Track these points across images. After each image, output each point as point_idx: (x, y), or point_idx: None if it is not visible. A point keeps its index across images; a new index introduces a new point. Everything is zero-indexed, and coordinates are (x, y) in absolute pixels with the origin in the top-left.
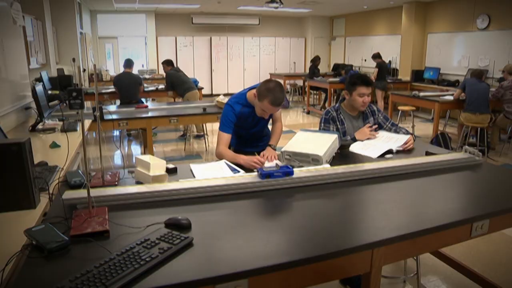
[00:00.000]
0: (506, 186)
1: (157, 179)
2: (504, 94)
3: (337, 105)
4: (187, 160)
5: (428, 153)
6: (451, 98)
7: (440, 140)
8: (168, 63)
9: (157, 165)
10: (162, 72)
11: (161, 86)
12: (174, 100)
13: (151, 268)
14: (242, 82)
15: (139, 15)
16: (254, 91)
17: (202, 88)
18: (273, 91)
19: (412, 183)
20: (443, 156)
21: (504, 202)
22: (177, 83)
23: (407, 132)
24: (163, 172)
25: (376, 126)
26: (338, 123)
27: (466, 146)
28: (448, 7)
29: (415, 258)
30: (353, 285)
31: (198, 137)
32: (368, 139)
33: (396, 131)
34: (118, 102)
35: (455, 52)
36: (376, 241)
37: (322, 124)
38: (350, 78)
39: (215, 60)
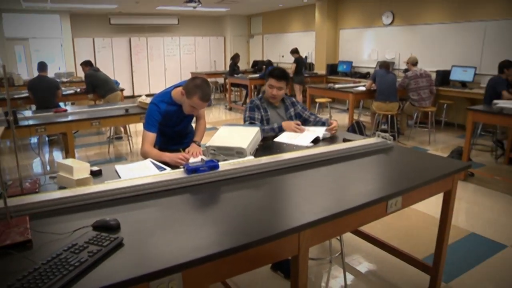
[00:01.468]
0: (414, 165)
1: (81, 182)
2: (409, 84)
3: (260, 95)
4: (112, 163)
5: (345, 140)
6: (363, 89)
7: (356, 128)
8: (86, 64)
9: (80, 168)
10: (80, 74)
11: (80, 89)
12: (95, 103)
13: (82, 273)
14: (163, 82)
15: (53, 16)
16: (180, 89)
17: (124, 89)
18: (201, 87)
19: (332, 168)
20: (359, 142)
21: (413, 180)
22: (97, 83)
23: (322, 124)
24: (87, 175)
25: (303, 129)
26: (262, 111)
27: (378, 132)
28: (357, 4)
29: (338, 238)
30: (284, 270)
31: (117, 139)
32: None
33: (316, 120)
34: (33, 107)
35: (365, 46)
36: (302, 225)
37: (248, 112)
38: (268, 70)
39: (136, 61)
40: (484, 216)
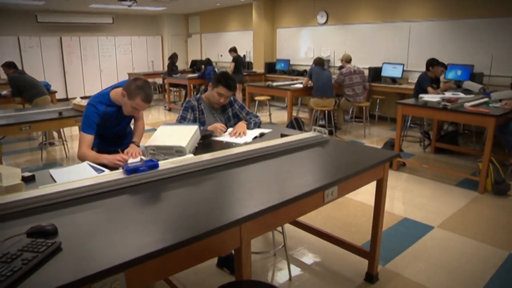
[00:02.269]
0: (349, 157)
1: (12, 189)
2: (344, 80)
3: (198, 95)
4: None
5: (282, 135)
6: (300, 86)
7: (294, 124)
8: (9, 66)
9: (10, 174)
10: (4, 76)
11: (5, 92)
12: (24, 107)
13: (16, 282)
14: (99, 83)
15: None
16: (119, 90)
17: (56, 91)
18: (143, 88)
19: (271, 162)
20: (296, 136)
21: (348, 170)
22: (24, 87)
23: (257, 123)
24: (18, 181)
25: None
26: (198, 112)
27: (314, 126)
28: (292, 4)
29: (281, 231)
30: (229, 266)
31: (51, 144)
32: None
33: (250, 118)
34: None
35: (302, 44)
36: (242, 217)
37: (181, 111)
38: (219, 75)
39: (68, 62)
40: (415, 202)
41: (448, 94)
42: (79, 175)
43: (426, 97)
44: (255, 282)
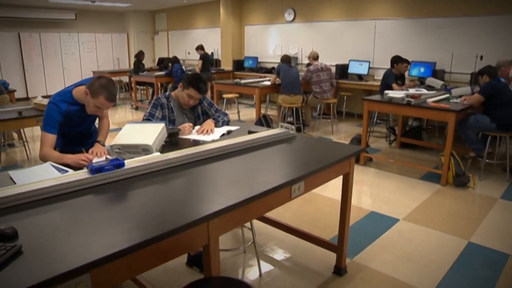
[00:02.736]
0: (315, 152)
1: None
2: (312, 77)
3: (167, 93)
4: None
5: (250, 132)
6: (268, 83)
7: (263, 122)
8: None
9: None
10: None
11: None
12: None
13: None
14: (62, 82)
15: None
16: (82, 88)
17: (15, 90)
18: (107, 87)
19: (239, 159)
20: (263, 133)
21: (314, 165)
22: None
23: (226, 121)
24: None
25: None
26: (167, 110)
27: (281, 123)
28: (260, 1)
29: (250, 228)
30: (199, 265)
31: (10, 146)
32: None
33: (219, 116)
34: None
35: (270, 42)
36: (210, 214)
37: (149, 109)
38: (191, 76)
39: (28, 59)
40: (381, 196)
41: (412, 91)
42: (41, 176)
43: (391, 93)
44: (223, 278)
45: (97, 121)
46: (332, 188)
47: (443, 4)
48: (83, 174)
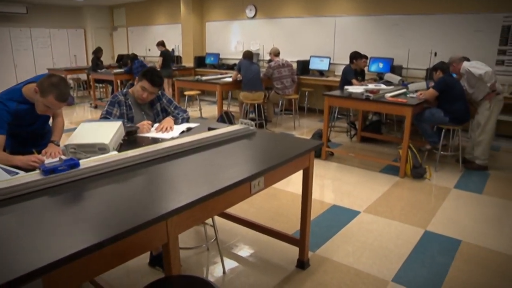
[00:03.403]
0: (275, 148)
1: None
2: (273, 73)
3: (125, 90)
4: None
5: (210, 129)
6: (230, 80)
7: (225, 118)
8: None
9: None
10: None
11: None
12: None
13: None
14: (13, 79)
15: None
16: (32, 86)
17: None
18: (57, 86)
19: (199, 156)
20: (223, 130)
21: (273, 160)
22: None
23: (185, 118)
24: None
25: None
26: (125, 108)
27: (241, 119)
28: None
29: (212, 225)
30: (161, 265)
31: None
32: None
33: (178, 114)
34: None
35: (231, 38)
36: (168, 212)
37: (107, 106)
38: (146, 69)
39: None
40: (343, 189)
41: (370, 86)
42: None
43: (350, 89)
44: (184, 276)
45: (51, 120)
46: (295, 183)
47: (400, 2)
48: (35, 175)
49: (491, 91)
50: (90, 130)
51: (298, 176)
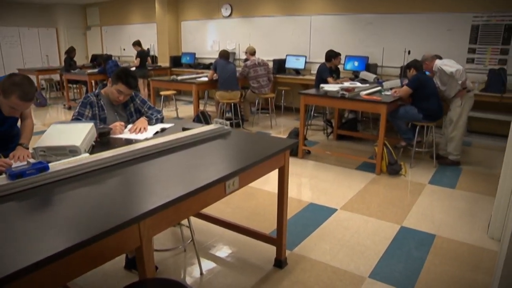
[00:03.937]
0: (250, 147)
1: None
2: (249, 72)
3: (97, 91)
4: None
5: (184, 129)
6: (206, 79)
7: (201, 118)
8: None
9: None
10: None
11: None
12: None
13: None
14: None
15: None
16: None
17: None
18: (20, 85)
19: (173, 157)
20: (198, 130)
21: (248, 160)
22: None
23: (159, 118)
24: None
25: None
26: (97, 108)
27: (216, 119)
28: None
29: (188, 226)
30: (137, 268)
31: None
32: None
33: (152, 114)
34: None
35: (207, 37)
36: (140, 214)
37: (78, 107)
38: (119, 71)
39: None
40: (320, 187)
41: (346, 84)
42: None
43: (326, 87)
44: (158, 279)
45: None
46: (272, 182)
47: (375, 2)
48: (1, 180)
49: (462, 88)
50: (60, 132)
51: (275, 175)
